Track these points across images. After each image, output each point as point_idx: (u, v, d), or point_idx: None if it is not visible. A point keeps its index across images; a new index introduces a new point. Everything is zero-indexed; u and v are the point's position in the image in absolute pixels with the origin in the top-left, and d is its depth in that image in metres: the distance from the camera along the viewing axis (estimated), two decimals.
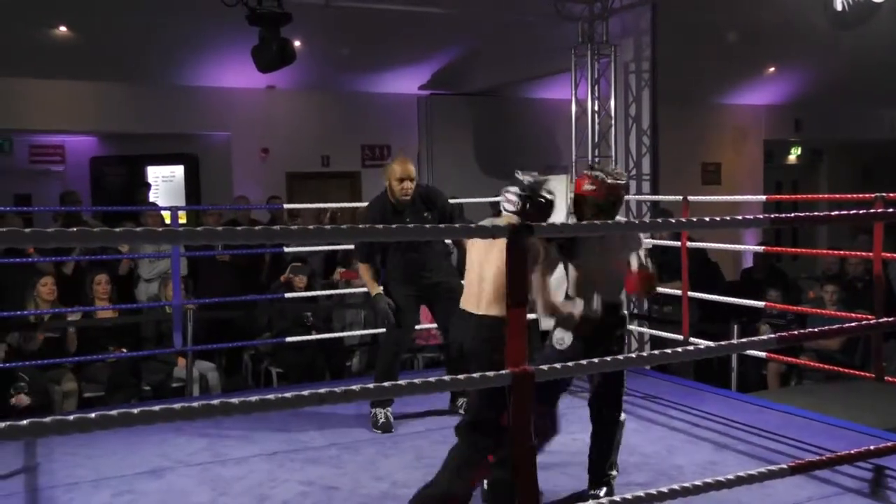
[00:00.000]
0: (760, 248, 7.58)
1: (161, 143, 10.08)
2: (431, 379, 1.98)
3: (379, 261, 4.97)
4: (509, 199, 3.58)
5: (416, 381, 1.93)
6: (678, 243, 5.69)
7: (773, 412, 5.08)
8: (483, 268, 3.54)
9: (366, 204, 5.26)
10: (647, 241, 6.90)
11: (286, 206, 8.26)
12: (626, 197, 7.34)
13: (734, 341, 5.52)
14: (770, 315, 7.05)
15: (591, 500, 3.55)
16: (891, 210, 3.45)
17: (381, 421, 4.88)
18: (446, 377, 2.02)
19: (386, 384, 2.22)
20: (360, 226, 2.35)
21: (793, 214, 3.33)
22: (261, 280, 7.51)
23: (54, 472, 4.19)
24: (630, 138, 7.60)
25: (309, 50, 8.49)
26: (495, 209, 9.53)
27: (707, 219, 2.20)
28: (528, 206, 3.55)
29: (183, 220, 9.24)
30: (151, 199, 9.58)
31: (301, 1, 6.64)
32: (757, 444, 4.48)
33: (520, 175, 3.62)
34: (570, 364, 2.62)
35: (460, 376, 2.12)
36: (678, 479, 2.89)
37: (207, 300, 6.40)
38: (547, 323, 6.63)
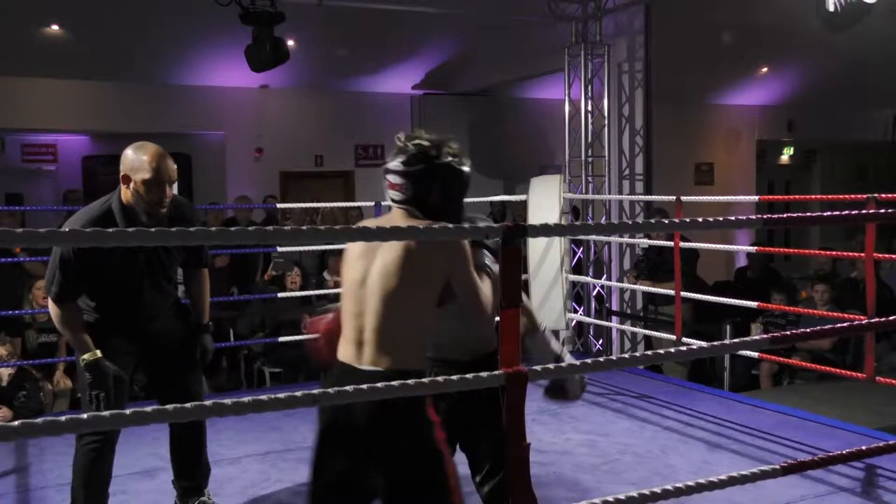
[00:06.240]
0: (753, 249, 7.61)
1: (154, 142, 10.00)
2: (425, 380, 1.98)
3: (84, 298, 3.28)
4: (394, 183, 2.37)
5: (409, 381, 1.92)
6: (671, 243, 5.71)
7: (766, 412, 5.09)
8: (363, 294, 2.35)
9: (355, 204, 4.05)
10: (644, 241, 6.94)
11: (279, 205, 8.27)
12: (620, 197, 7.44)
13: (727, 341, 5.54)
14: (771, 315, 7.08)
15: (589, 500, 3.55)
16: (883, 211, 3.46)
17: None
18: (439, 377, 2.01)
19: (380, 385, 1.85)
20: (342, 227, 2.29)
21: (785, 215, 3.34)
22: (254, 279, 7.51)
23: (45, 473, 4.18)
24: (623, 138, 7.61)
25: (302, 49, 8.48)
26: (494, 208, 9.56)
27: (700, 219, 2.20)
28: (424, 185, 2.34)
29: None
30: None
31: (294, 0, 6.63)
32: (750, 444, 4.49)
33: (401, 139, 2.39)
34: (565, 364, 2.62)
35: (450, 378, 2.10)
36: (671, 479, 2.90)
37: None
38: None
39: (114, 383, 3.19)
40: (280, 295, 6.44)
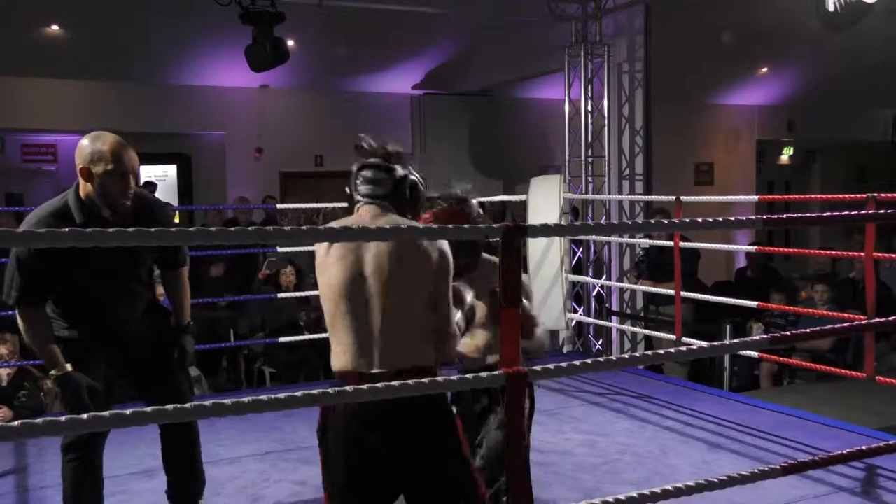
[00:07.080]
0: (753, 249, 7.61)
1: (154, 142, 10.07)
2: (425, 380, 1.98)
3: (51, 305, 3.12)
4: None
5: (409, 381, 1.92)
6: (672, 243, 5.71)
7: (766, 412, 5.09)
8: (360, 293, 2.40)
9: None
10: (644, 241, 6.94)
11: (279, 206, 8.27)
12: (620, 197, 7.44)
13: (727, 341, 5.54)
14: (771, 315, 7.08)
15: (589, 500, 3.54)
16: (882, 211, 3.47)
17: None
18: (439, 378, 2.01)
19: (380, 385, 1.89)
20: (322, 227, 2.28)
21: (785, 215, 3.33)
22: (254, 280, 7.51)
23: (45, 473, 4.17)
24: (623, 138, 7.62)
25: (302, 49, 8.48)
26: (494, 208, 9.56)
27: (700, 219, 2.20)
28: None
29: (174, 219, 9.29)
30: None
31: (294, 0, 6.63)
32: (750, 444, 4.48)
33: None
34: (565, 364, 2.62)
35: (450, 378, 2.11)
36: (671, 479, 2.90)
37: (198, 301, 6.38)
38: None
39: (88, 394, 3.02)
40: (280, 295, 6.43)
